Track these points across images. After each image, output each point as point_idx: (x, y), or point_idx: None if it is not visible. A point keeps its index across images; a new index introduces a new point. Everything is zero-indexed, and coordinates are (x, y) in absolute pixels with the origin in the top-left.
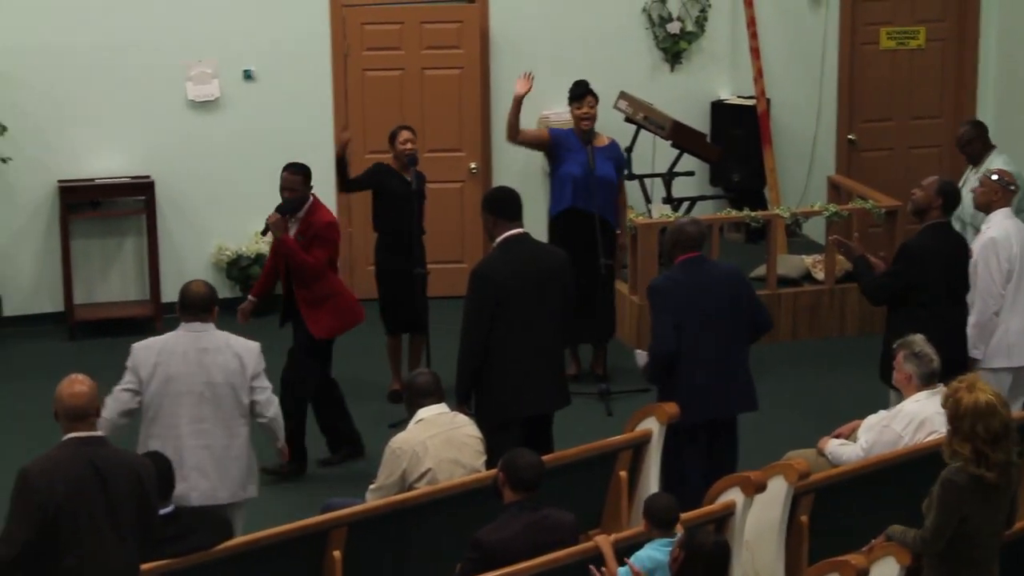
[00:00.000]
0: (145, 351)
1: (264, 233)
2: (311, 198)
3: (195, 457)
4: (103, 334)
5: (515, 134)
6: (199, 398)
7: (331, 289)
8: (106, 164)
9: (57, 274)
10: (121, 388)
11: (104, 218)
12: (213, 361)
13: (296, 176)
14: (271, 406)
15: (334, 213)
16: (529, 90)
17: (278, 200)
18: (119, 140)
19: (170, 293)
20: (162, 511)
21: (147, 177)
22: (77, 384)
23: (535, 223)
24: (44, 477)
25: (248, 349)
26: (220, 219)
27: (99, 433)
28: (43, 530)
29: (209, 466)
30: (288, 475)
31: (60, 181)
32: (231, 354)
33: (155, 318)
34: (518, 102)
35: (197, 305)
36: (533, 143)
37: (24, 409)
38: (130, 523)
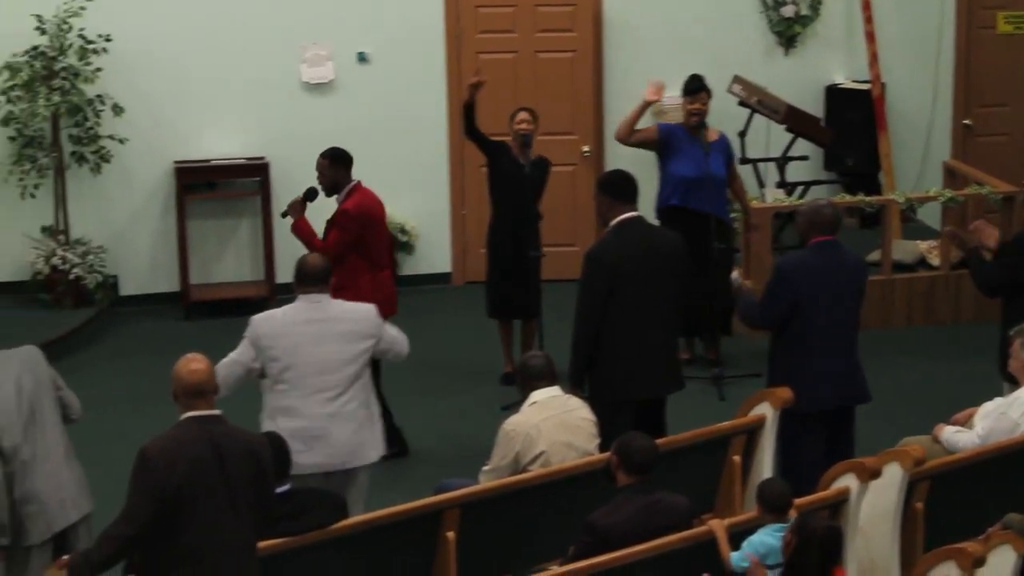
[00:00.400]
0: (265, 323)
1: (284, 216)
2: (352, 183)
3: (319, 425)
4: (218, 314)
5: (628, 135)
6: (323, 367)
7: (350, 280)
8: (222, 145)
9: (173, 254)
10: (233, 359)
11: (220, 199)
12: (332, 329)
13: (323, 160)
14: (396, 344)
15: (375, 197)
16: (659, 100)
17: (389, 182)
18: (234, 121)
19: (284, 273)
20: (278, 490)
21: (262, 158)
22: (194, 362)
23: (646, 207)
24: (164, 456)
25: (362, 314)
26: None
27: (217, 412)
28: (163, 509)
29: (335, 433)
30: (392, 458)
31: (176, 162)
32: (349, 321)
33: (269, 298)
34: (645, 107)
35: (315, 276)
36: (644, 143)
37: (141, 388)
38: (247, 502)
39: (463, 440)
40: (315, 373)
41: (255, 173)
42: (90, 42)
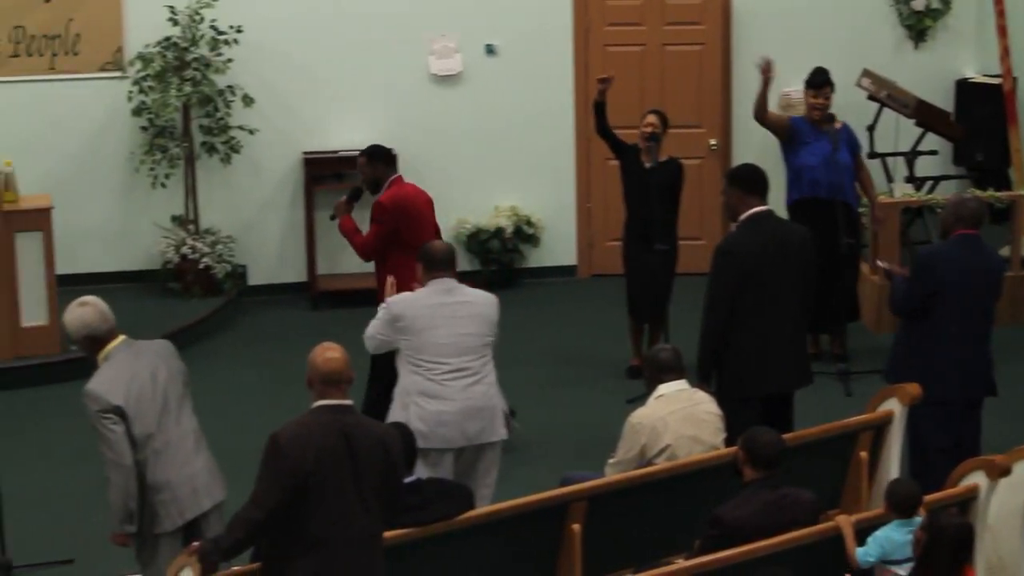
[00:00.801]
0: (400, 304)
1: (332, 219)
2: (393, 176)
3: (453, 402)
4: (344, 304)
5: (763, 112)
6: (453, 347)
7: (392, 273)
8: (349, 136)
9: (301, 245)
10: (380, 320)
11: (347, 190)
12: (463, 310)
13: (361, 158)
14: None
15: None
16: (770, 73)
17: (515, 174)
18: (362, 113)
19: None
20: (405, 480)
21: (390, 150)
22: (330, 351)
23: (774, 201)
24: (295, 443)
25: (489, 299)
26: (460, 192)
27: (348, 401)
28: (291, 495)
29: (467, 410)
30: None
31: (305, 153)
32: (478, 303)
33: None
34: (766, 82)
35: (443, 261)
36: (775, 126)
37: (268, 376)
38: (375, 491)
39: (588, 432)
40: (448, 353)
41: None
42: (221, 33)
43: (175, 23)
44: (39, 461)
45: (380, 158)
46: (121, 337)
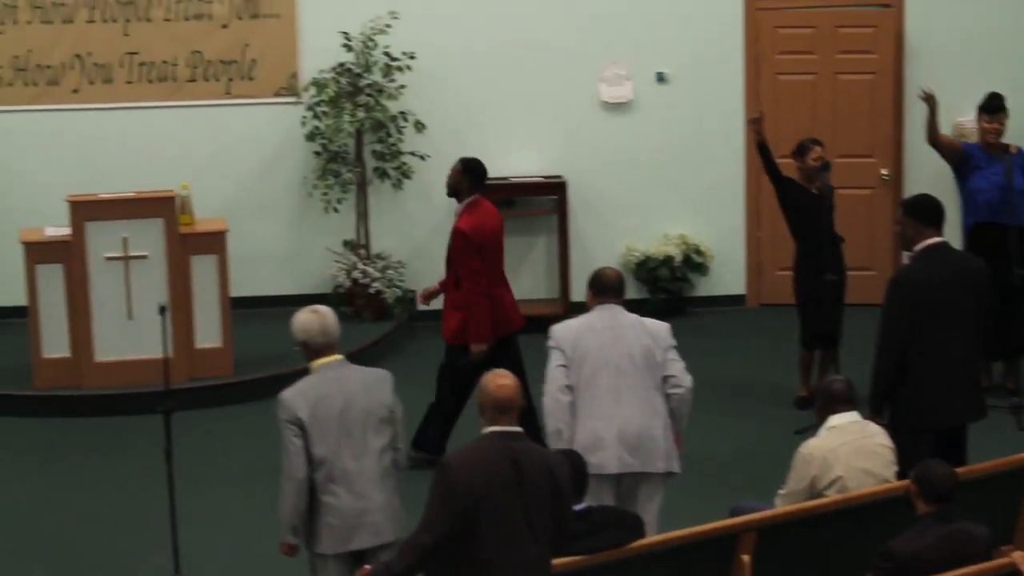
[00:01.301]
0: (564, 330)
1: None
2: (472, 197)
3: (618, 428)
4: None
5: (935, 135)
6: (616, 371)
7: (462, 300)
8: (520, 163)
9: None
10: (555, 365)
11: (517, 216)
12: (627, 336)
13: (458, 165)
14: (687, 377)
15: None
16: (933, 101)
17: (684, 202)
18: (533, 140)
19: (579, 292)
20: (575, 507)
21: (559, 177)
22: (503, 378)
23: (949, 232)
24: (464, 468)
25: (658, 326)
26: (629, 220)
27: (518, 428)
28: (461, 521)
29: (632, 437)
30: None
31: None
32: (644, 330)
33: (564, 316)
34: (932, 107)
35: (613, 287)
36: (948, 150)
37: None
38: (544, 519)
39: (756, 463)
40: (614, 377)
41: (552, 191)
42: (394, 59)
43: (349, 49)
44: (212, 481)
45: (472, 173)
46: (337, 356)
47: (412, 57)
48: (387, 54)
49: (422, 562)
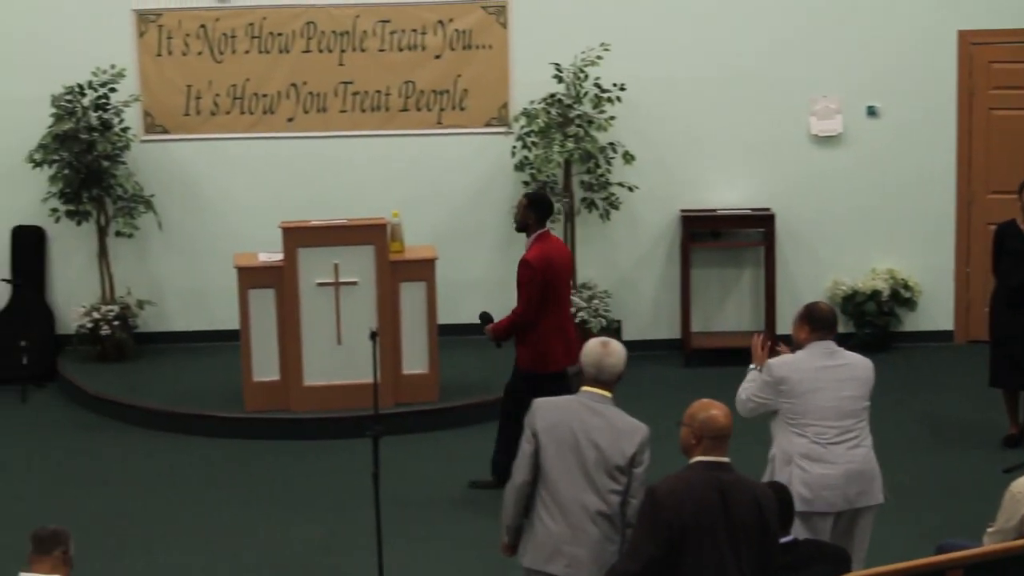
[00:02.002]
0: (784, 367)
1: (484, 325)
2: (541, 230)
3: (833, 467)
4: (716, 363)
5: None
6: (835, 411)
7: (533, 329)
8: (727, 195)
9: (675, 301)
10: (747, 395)
11: (724, 248)
12: (846, 374)
13: (524, 199)
14: None
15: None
16: None
17: (893, 237)
18: (741, 172)
19: (784, 325)
20: (781, 540)
21: (767, 209)
22: (715, 408)
23: None
24: (673, 496)
25: (867, 363)
26: (837, 254)
27: (726, 459)
28: (667, 549)
29: (847, 475)
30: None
31: (682, 210)
32: (858, 367)
33: (770, 349)
34: None
35: (827, 323)
36: None
37: None
38: (749, 550)
39: (962, 500)
40: (832, 416)
41: (760, 224)
42: (605, 91)
43: (560, 80)
44: (419, 505)
45: (539, 207)
46: (602, 391)
47: (622, 88)
48: (597, 85)
49: None
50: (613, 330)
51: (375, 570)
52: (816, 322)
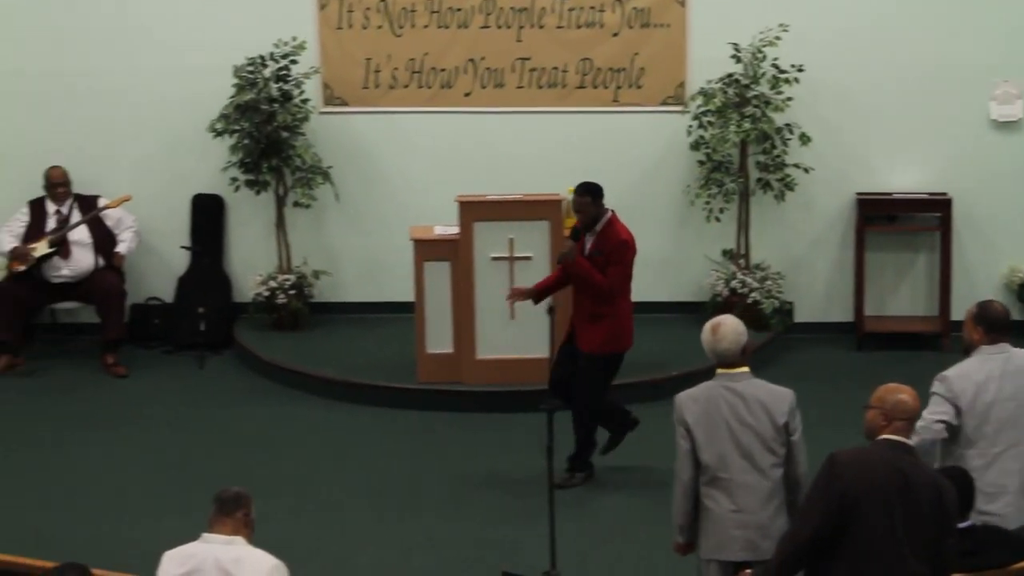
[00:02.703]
0: (961, 380)
1: (559, 262)
2: (608, 213)
3: (1018, 481)
4: (888, 347)
5: None
6: (1015, 423)
7: (613, 310)
8: (904, 179)
9: (849, 285)
10: (934, 419)
11: (899, 233)
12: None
13: (583, 198)
14: None
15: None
16: None
17: None
18: (918, 155)
19: (958, 311)
20: (959, 525)
21: (944, 194)
22: (903, 392)
23: None
24: (852, 466)
25: None
26: (1013, 240)
27: (910, 442)
28: (837, 518)
29: None
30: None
31: (858, 194)
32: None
33: (942, 335)
34: None
35: (1004, 324)
36: None
37: (813, 415)
38: (924, 534)
39: None
40: (1009, 428)
41: (936, 208)
42: (783, 72)
43: (738, 60)
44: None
45: (601, 196)
46: (737, 369)
47: (800, 70)
48: (775, 66)
49: (798, 555)
50: (785, 311)
51: (547, 544)
52: (990, 324)
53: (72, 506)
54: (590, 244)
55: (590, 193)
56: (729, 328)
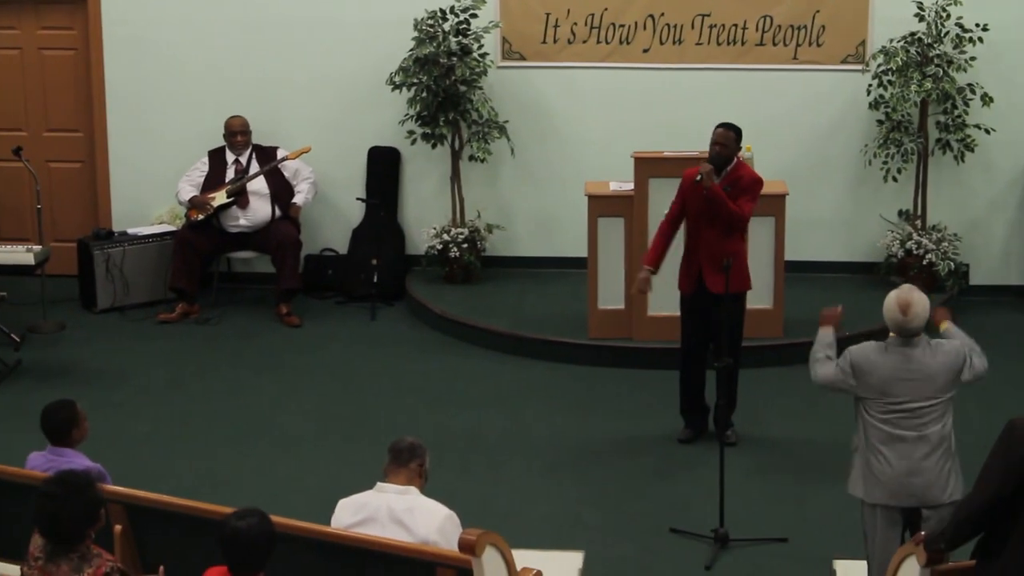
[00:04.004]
0: None
1: (697, 182)
2: (736, 159)
3: None
4: None
5: None
6: None
7: (743, 247)
8: None
9: None
10: None
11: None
12: None
13: (729, 132)
14: None
15: None
16: None
17: None
18: None
19: None
20: None
21: None
22: None
23: None
24: None
25: None
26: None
27: None
28: (1016, 486)
29: None
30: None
31: None
32: None
33: None
34: None
35: None
36: None
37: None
38: None
39: None
40: None
41: None
42: (966, 31)
43: (921, 19)
44: (757, 441)
45: (741, 138)
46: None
47: (985, 29)
48: (959, 25)
49: (974, 524)
50: (961, 273)
51: (716, 504)
52: None
53: (246, 454)
54: (721, 181)
55: (734, 130)
56: (920, 308)
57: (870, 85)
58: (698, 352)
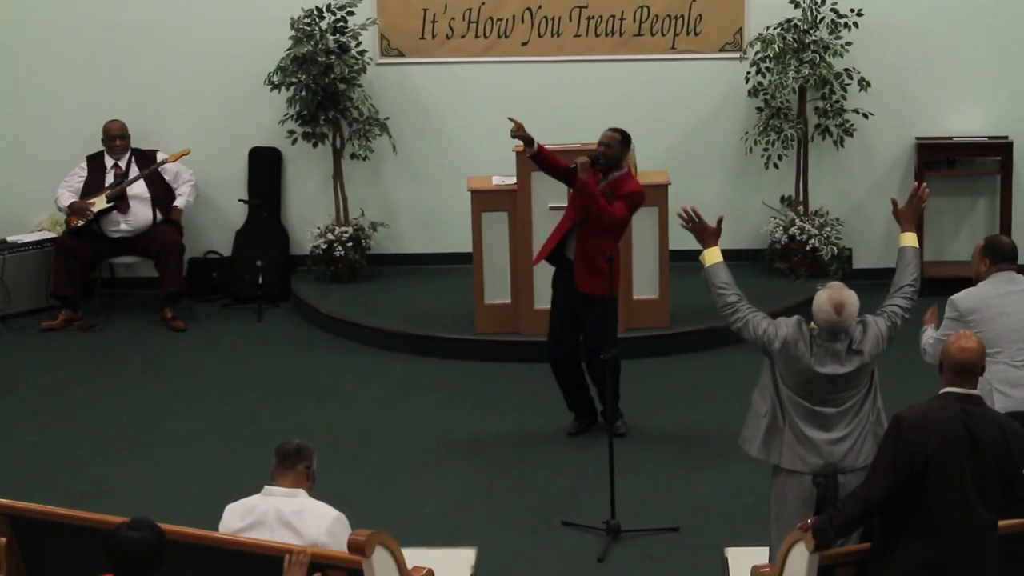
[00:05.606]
0: (967, 298)
1: (571, 168)
2: (626, 169)
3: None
4: (948, 292)
5: None
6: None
7: (609, 251)
8: (964, 123)
9: None
10: (938, 338)
11: (958, 177)
12: None
13: (615, 134)
14: None
15: None
16: None
17: None
18: (979, 99)
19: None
20: None
21: (1005, 137)
22: (965, 340)
23: None
24: (918, 427)
25: None
26: None
27: (976, 392)
28: (908, 477)
29: None
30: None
31: (917, 138)
32: None
33: None
34: None
35: (1010, 255)
36: None
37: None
38: (994, 485)
39: None
40: (1020, 339)
41: (997, 152)
42: (842, 16)
43: (796, 5)
44: (647, 433)
45: (629, 146)
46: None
47: (859, 14)
48: (834, 11)
49: (865, 514)
50: (844, 258)
51: (607, 491)
52: (995, 254)
53: (133, 460)
54: (602, 186)
55: (620, 133)
56: (853, 307)
57: (748, 73)
58: (568, 350)
